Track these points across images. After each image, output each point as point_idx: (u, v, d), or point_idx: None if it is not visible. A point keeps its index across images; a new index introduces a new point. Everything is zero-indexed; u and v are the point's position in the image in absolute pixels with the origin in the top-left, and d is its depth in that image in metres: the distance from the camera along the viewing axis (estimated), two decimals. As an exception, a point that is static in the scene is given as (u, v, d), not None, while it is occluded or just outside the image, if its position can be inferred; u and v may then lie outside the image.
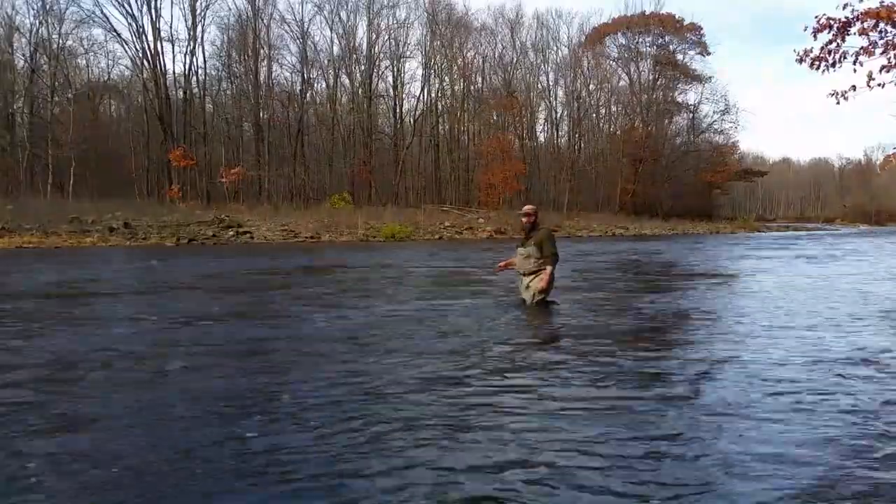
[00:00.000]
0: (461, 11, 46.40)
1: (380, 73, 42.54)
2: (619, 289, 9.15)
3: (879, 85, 7.49)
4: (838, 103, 7.76)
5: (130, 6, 34.24)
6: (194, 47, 37.41)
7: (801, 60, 7.88)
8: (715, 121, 56.03)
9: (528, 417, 3.10)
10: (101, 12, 42.67)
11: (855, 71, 7.60)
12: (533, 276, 6.79)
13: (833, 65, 7.73)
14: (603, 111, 52.73)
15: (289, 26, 39.62)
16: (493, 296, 7.88)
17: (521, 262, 6.92)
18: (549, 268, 6.68)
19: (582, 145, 51.84)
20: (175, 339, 5.17)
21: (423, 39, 43.51)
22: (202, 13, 37.40)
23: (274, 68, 40.30)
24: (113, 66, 40.60)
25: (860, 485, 2.34)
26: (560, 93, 50.41)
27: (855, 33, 7.53)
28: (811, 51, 7.82)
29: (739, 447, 2.69)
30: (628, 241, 28.39)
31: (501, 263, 7.50)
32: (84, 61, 38.81)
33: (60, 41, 34.65)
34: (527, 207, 7.08)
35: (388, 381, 3.77)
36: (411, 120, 44.52)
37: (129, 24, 34.64)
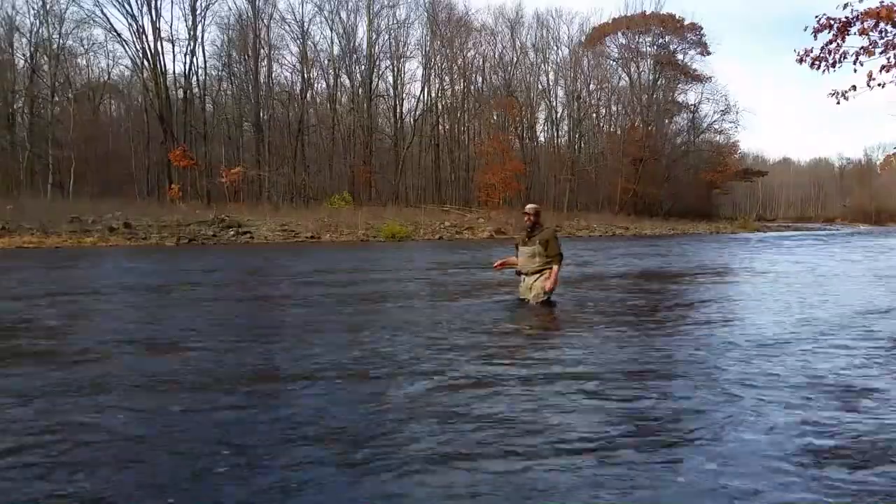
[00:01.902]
0: (461, 11, 46.53)
1: (380, 73, 42.57)
2: (619, 289, 9.14)
3: (879, 85, 7.48)
4: (838, 103, 7.75)
5: (130, 6, 34.28)
6: (194, 47, 37.46)
7: (801, 60, 7.87)
8: (715, 121, 56.19)
9: (521, 415, 3.11)
10: (101, 12, 42.78)
11: (855, 71, 7.59)
12: (537, 275, 6.73)
13: (833, 65, 7.72)
14: (603, 111, 52.77)
15: (289, 26, 39.72)
16: (492, 296, 7.88)
17: (524, 261, 6.82)
18: (555, 267, 6.64)
19: (582, 145, 51.85)
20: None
21: (423, 39, 43.60)
22: (202, 13, 37.43)
23: (274, 68, 40.41)
24: (113, 66, 40.68)
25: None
26: (560, 93, 50.49)
27: (855, 33, 7.52)
28: (811, 51, 7.81)
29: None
30: (628, 240, 28.39)
31: (498, 262, 7.40)
32: (84, 61, 38.88)
33: (60, 41, 34.68)
34: (530, 206, 6.97)
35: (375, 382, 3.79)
36: (411, 120, 44.53)
37: (130, 24, 34.68)
